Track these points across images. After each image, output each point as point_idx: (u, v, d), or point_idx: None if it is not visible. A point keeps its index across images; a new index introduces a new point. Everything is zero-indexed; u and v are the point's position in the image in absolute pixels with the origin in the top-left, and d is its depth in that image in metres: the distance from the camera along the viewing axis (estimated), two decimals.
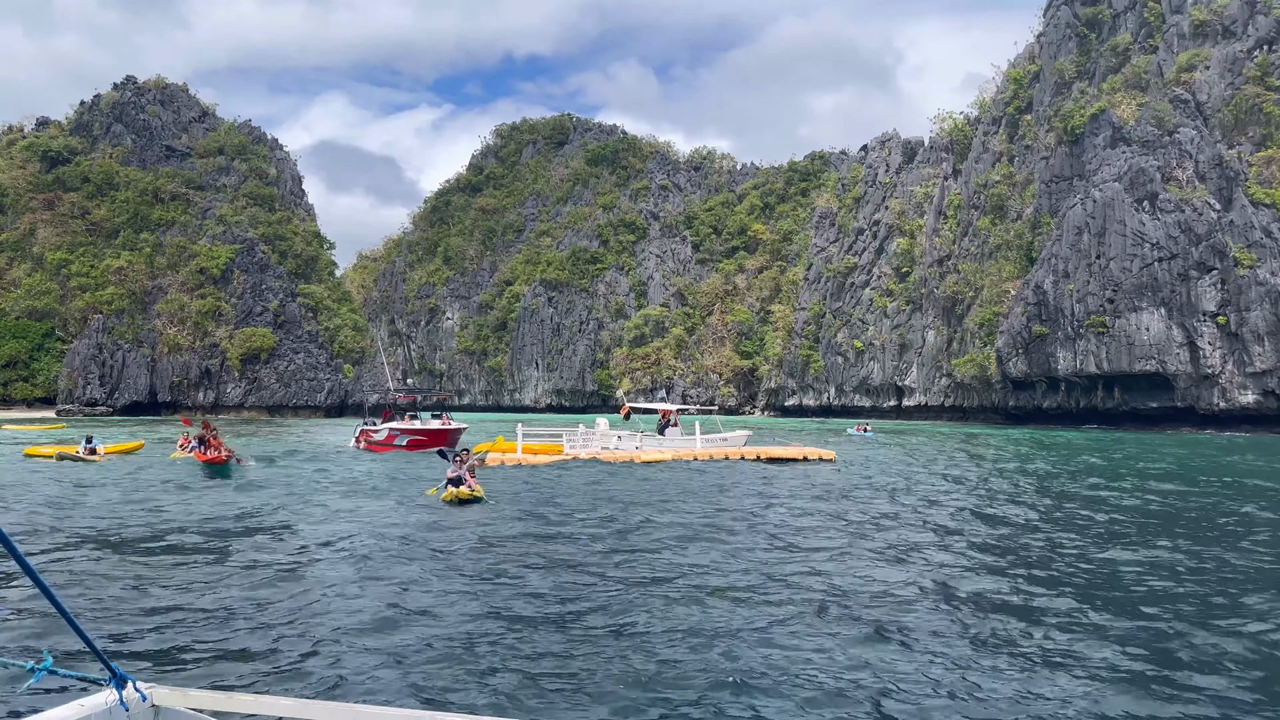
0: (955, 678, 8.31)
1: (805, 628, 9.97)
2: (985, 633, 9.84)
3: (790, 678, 8.26)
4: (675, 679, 8.19)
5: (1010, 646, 9.30)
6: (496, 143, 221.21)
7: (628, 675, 8.27)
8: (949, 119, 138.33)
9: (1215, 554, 14.87)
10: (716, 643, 9.30)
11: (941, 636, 9.66)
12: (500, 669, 8.47)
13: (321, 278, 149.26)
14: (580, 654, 8.93)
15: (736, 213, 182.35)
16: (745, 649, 9.10)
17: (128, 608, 10.66)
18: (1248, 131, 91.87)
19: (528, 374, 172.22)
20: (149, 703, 3.26)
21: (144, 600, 11.10)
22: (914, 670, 8.52)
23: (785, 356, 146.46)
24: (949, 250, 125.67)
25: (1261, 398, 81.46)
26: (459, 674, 8.31)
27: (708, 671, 8.39)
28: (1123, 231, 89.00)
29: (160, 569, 13.13)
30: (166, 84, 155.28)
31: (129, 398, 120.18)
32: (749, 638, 9.52)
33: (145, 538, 16.19)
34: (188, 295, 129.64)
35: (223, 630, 9.69)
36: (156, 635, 9.49)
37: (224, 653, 8.86)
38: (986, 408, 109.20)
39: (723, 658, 8.81)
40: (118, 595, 11.31)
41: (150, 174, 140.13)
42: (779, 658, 8.84)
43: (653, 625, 10.00)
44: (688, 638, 9.48)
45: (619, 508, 20.77)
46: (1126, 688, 8.03)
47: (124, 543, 15.58)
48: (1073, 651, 9.12)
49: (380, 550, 14.94)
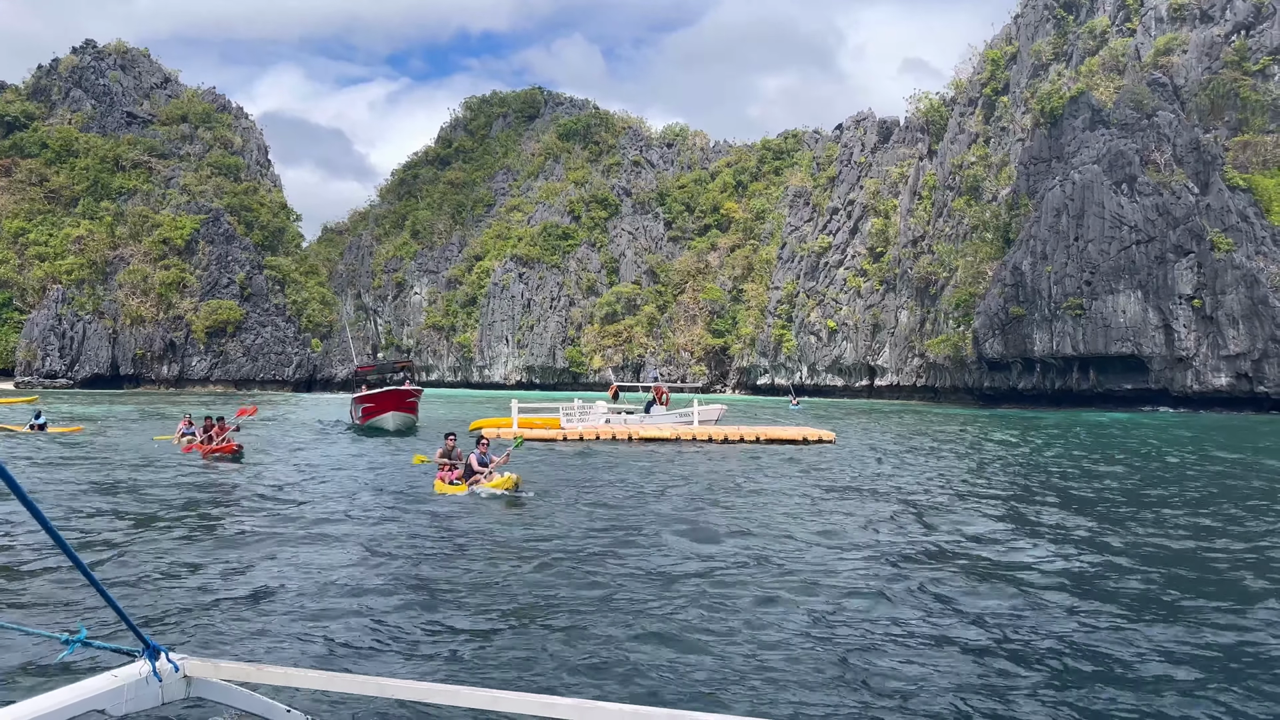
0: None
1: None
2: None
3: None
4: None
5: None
6: (466, 115, 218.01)
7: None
8: (925, 99, 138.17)
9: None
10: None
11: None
12: (515, 643, 8.33)
13: (289, 250, 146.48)
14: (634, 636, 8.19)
15: (709, 190, 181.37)
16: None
17: (154, 584, 10.36)
18: (1224, 116, 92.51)
19: (497, 350, 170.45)
20: (181, 674, 3.26)
21: (170, 577, 10.62)
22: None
23: (758, 335, 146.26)
24: (923, 231, 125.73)
25: (1234, 380, 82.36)
26: (488, 649, 8.17)
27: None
28: (1101, 214, 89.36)
29: (181, 546, 12.27)
30: (127, 49, 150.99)
31: (90, 370, 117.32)
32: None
33: (164, 515, 15.22)
34: (151, 266, 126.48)
35: (251, 607, 9.50)
36: (184, 611, 9.27)
37: (254, 631, 8.69)
38: (959, 388, 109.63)
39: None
40: (144, 572, 10.93)
41: (111, 141, 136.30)
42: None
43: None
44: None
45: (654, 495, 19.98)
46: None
47: (142, 519, 14.61)
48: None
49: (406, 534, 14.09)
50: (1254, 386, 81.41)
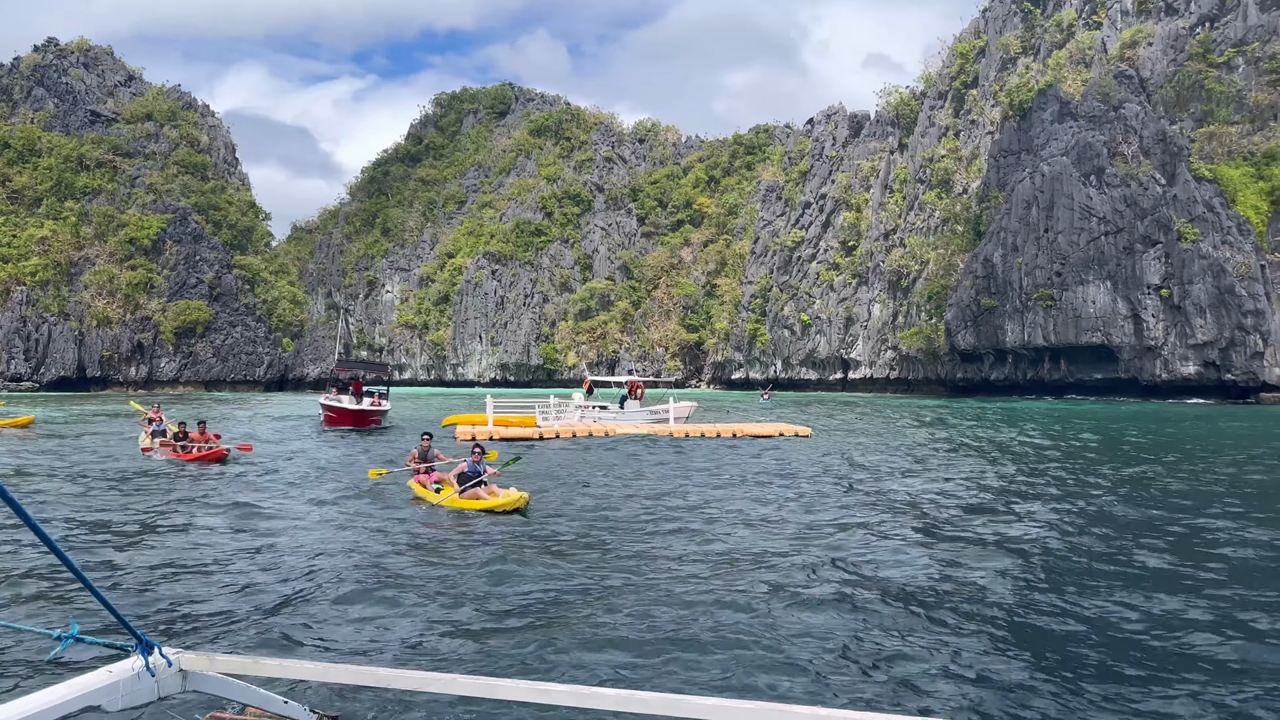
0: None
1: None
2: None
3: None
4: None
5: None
6: (436, 112, 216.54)
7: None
8: (895, 92, 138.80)
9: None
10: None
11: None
12: (494, 626, 8.28)
13: (258, 249, 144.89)
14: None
15: (681, 185, 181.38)
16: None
17: (144, 580, 10.17)
18: (1189, 108, 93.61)
19: (471, 348, 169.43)
20: (176, 668, 3.27)
21: (161, 574, 10.40)
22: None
23: (732, 330, 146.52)
24: (895, 224, 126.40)
25: (1202, 369, 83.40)
26: (479, 641, 7.80)
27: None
28: (1070, 205, 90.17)
29: (169, 543, 12.01)
30: (90, 46, 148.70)
31: (56, 372, 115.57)
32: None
33: (149, 513, 14.92)
34: (117, 266, 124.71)
35: (240, 602, 9.34)
36: (175, 607, 9.12)
37: (247, 622, 8.58)
38: (932, 380, 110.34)
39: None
40: (133, 568, 10.76)
41: (74, 140, 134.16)
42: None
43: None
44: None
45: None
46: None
47: (127, 518, 14.30)
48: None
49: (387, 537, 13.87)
50: (1221, 375, 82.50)
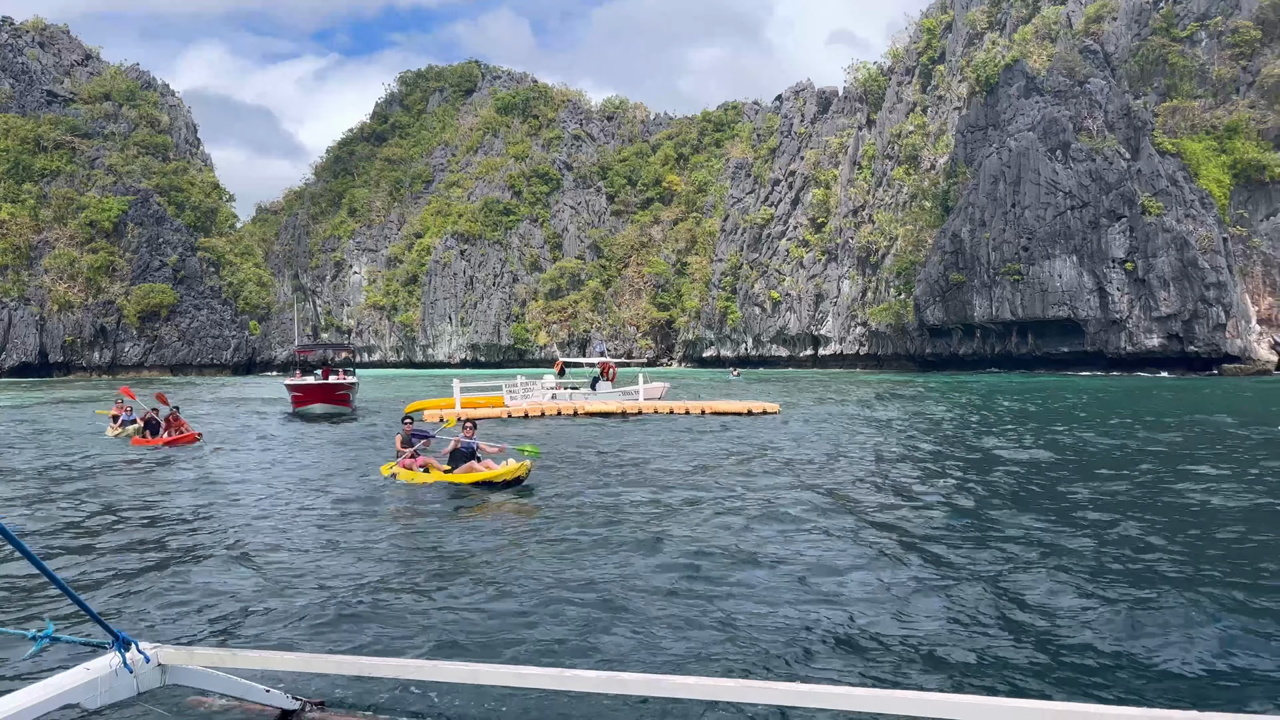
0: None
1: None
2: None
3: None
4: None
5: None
6: (401, 90, 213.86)
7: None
8: (863, 68, 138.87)
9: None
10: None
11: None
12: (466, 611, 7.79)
13: (222, 231, 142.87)
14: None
15: (651, 163, 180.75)
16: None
17: (117, 576, 9.81)
18: (1153, 82, 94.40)
19: (441, 329, 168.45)
20: (154, 663, 3.24)
21: (133, 568, 10.12)
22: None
23: (702, 308, 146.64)
24: (864, 200, 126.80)
25: (1166, 341, 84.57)
26: (465, 625, 7.61)
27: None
28: (1037, 180, 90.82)
29: (141, 536, 11.84)
30: (46, 25, 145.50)
31: (17, 359, 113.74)
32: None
33: (119, 504, 14.70)
34: (77, 249, 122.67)
35: (217, 595, 9.00)
36: (153, 601, 8.78)
37: (226, 614, 8.34)
38: (902, 355, 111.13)
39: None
40: (105, 565, 10.39)
41: (31, 121, 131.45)
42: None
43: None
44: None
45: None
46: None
47: (96, 510, 14.08)
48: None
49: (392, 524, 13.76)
50: (1184, 346, 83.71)
